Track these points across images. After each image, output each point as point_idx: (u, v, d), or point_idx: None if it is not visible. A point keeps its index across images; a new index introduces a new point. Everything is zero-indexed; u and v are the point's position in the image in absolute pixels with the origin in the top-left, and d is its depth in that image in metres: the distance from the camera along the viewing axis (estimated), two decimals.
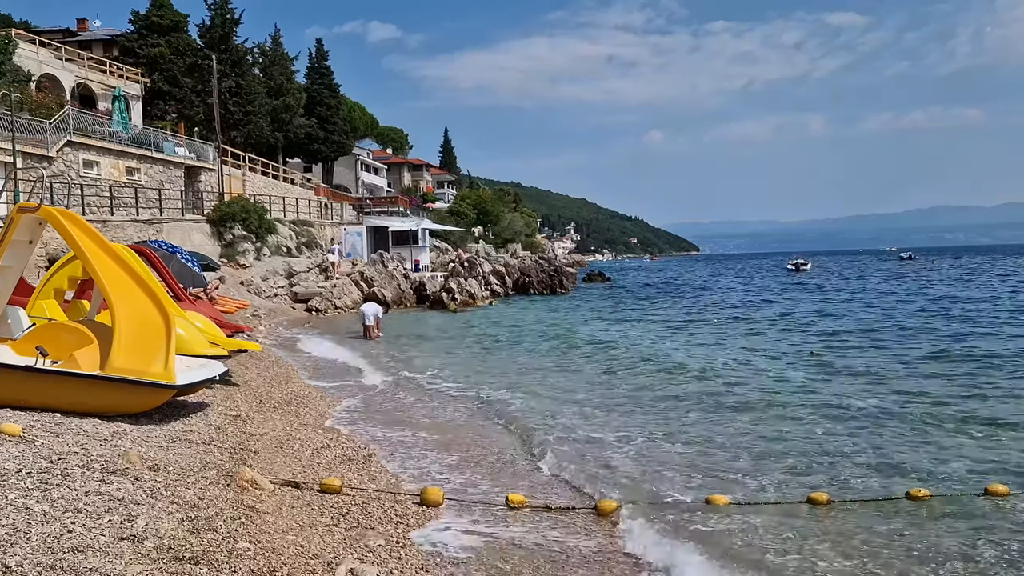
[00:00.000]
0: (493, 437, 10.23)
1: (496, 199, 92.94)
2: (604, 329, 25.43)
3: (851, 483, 7.93)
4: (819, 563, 5.93)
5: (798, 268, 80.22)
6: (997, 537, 6.35)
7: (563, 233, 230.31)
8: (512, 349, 20.35)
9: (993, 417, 10.80)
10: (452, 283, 35.99)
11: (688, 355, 18.35)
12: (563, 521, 6.90)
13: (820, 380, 14.35)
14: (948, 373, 14.83)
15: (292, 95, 56.27)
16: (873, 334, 21.96)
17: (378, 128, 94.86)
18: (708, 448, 9.46)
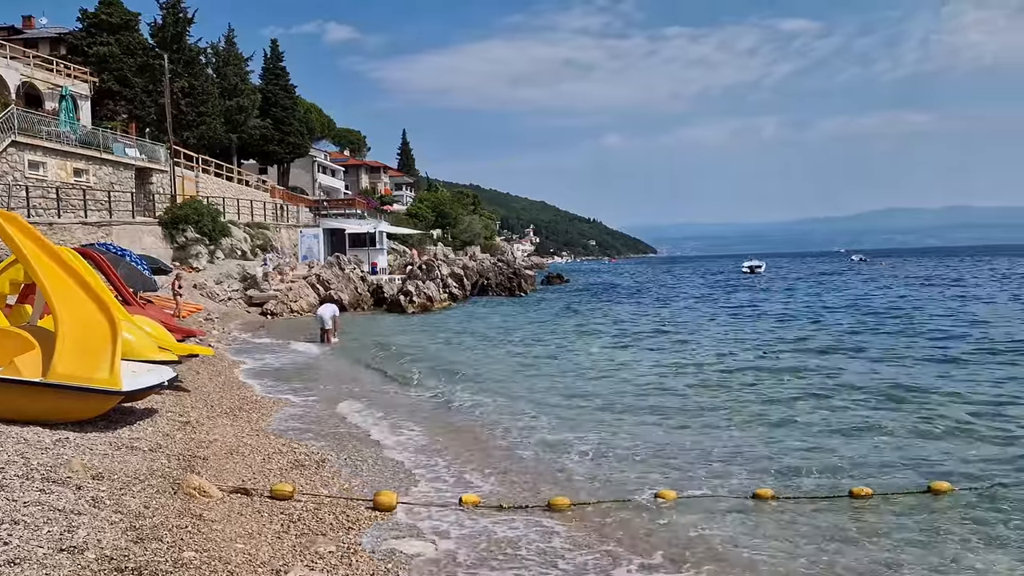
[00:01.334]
0: (450, 438, 10.17)
1: (455, 201, 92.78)
2: (563, 330, 25.52)
3: (799, 480, 8.05)
4: (762, 558, 6.00)
5: (752, 270, 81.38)
6: (939, 534, 6.49)
7: (522, 235, 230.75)
8: (470, 350, 20.32)
9: (939, 415, 11.06)
10: (410, 286, 35.78)
11: (643, 356, 18.50)
12: (518, 520, 6.89)
13: (771, 379, 14.57)
14: (894, 374, 15.15)
15: (246, 96, 55.54)
16: (825, 333, 22.36)
17: (335, 130, 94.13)
18: (663, 446, 9.55)
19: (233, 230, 38.24)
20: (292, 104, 63.76)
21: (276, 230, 45.17)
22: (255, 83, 60.85)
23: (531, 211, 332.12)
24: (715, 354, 18.55)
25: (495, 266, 50.84)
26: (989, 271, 65.52)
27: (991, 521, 6.70)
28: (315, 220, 53.62)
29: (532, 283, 52.89)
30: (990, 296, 36.12)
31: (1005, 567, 5.78)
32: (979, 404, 11.72)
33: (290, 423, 10.96)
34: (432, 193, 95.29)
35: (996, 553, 6.03)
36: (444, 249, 68.11)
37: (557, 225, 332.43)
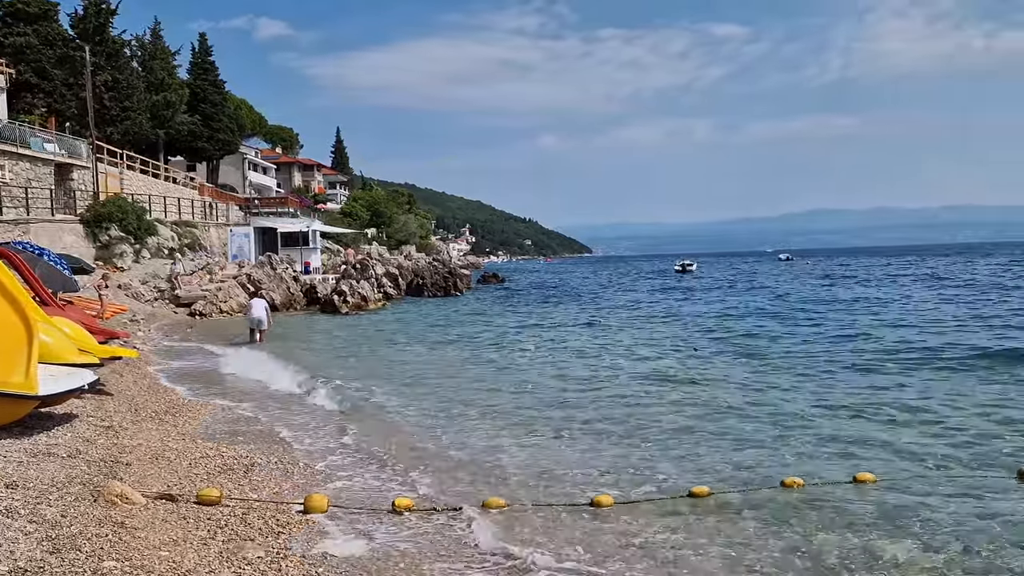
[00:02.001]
0: (383, 440, 10.07)
1: (390, 200, 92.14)
2: (499, 330, 25.56)
3: (731, 474, 8.22)
4: (693, 554, 6.11)
5: (684, 269, 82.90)
6: (863, 524, 6.69)
7: (458, 235, 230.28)
8: (404, 350, 20.18)
9: (869, 408, 11.44)
10: (344, 285, 35.34)
11: (579, 356, 18.66)
12: (452, 521, 6.86)
13: (699, 376, 14.87)
14: (821, 369, 15.60)
15: (174, 91, 54.06)
16: (749, 330, 22.90)
17: (266, 126, 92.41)
18: (600, 446, 9.62)
19: (160, 229, 37.19)
20: (222, 100, 62.33)
21: (205, 229, 44.10)
22: (183, 78, 59.26)
23: (467, 210, 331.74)
24: (648, 353, 18.82)
25: (430, 265, 50.60)
26: (906, 270, 68.11)
27: (907, 510, 6.93)
28: (246, 219, 52.53)
29: (468, 283, 52.87)
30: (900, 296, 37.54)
31: (916, 554, 5.99)
32: (904, 399, 12.14)
33: (218, 426, 10.70)
34: (367, 192, 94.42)
35: (905, 541, 6.23)
36: (379, 248, 67.54)
37: (493, 224, 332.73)
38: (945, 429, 10.05)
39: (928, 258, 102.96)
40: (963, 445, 9.20)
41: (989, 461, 8.50)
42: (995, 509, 6.93)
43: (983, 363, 15.25)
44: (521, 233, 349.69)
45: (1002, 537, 6.28)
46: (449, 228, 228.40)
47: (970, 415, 10.80)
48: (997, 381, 13.41)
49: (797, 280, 55.99)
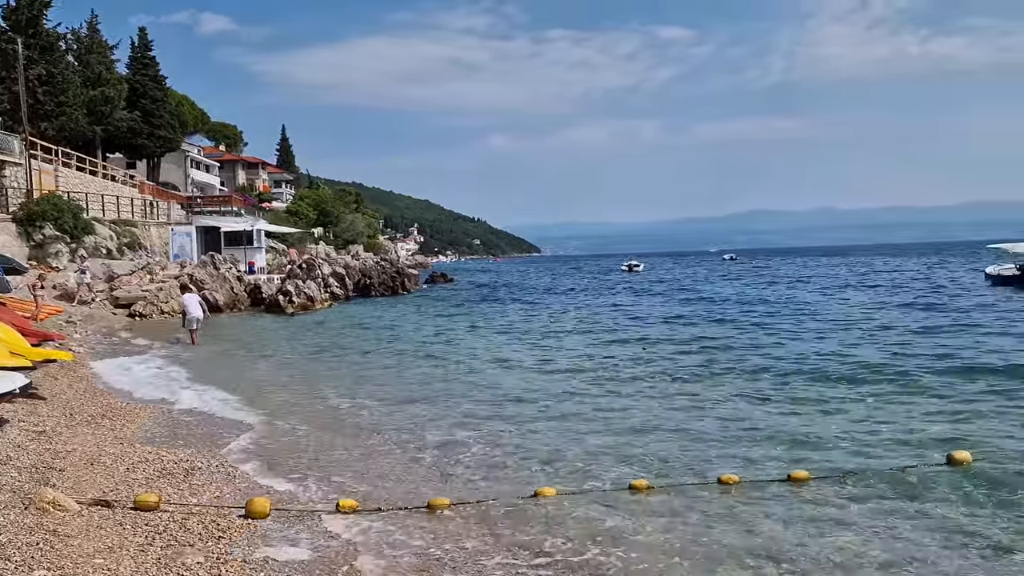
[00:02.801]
0: (328, 441, 9.96)
1: (337, 199, 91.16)
2: (445, 328, 25.51)
3: (670, 469, 8.34)
4: (638, 548, 6.18)
5: (631, 269, 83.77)
6: (794, 519, 6.85)
7: (406, 234, 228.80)
8: (350, 350, 20.00)
9: (801, 404, 11.71)
10: (289, 285, 34.85)
11: (527, 354, 18.72)
12: (397, 521, 6.82)
13: (642, 371, 15.05)
14: (761, 365, 15.91)
15: (112, 86, 52.58)
16: (699, 326, 23.26)
17: (209, 123, 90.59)
18: (544, 444, 9.66)
19: (98, 228, 36.18)
20: (162, 96, 60.91)
21: (145, 228, 43.06)
22: (122, 73, 57.75)
23: (415, 210, 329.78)
24: (595, 351, 18.97)
25: (378, 265, 50.21)
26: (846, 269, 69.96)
27: (841, 505, 7.12)
28: (188, 217, 51.44)
29: (416, 282, 52.61)
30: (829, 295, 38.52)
31: (855, 546, 6.15)
32: (842, 395, 12.44)
33: (157, 430, 10.47)
34: (313, 191, 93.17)
35: (847, 534, 6.41)
36: (326, 248, 66.81)
37: (442, 224, 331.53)
38: (874, 425, 10.31)
39: (873, 258, 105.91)
40: (891, 440, 9.46)
41: (917, 452, 8.76)
42: (924, 496, 7.16)
43: (896, 364, 15.67)
44: (470, 233, 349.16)
45: (929, 522, 6.49)
46: (397, 227, 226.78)
47: (894, 411, 11.09)
48: (909, 383, 13.77)
49: (740, 281, 57.07)
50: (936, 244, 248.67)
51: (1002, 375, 13.54)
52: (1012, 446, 8.87)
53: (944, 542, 6.18)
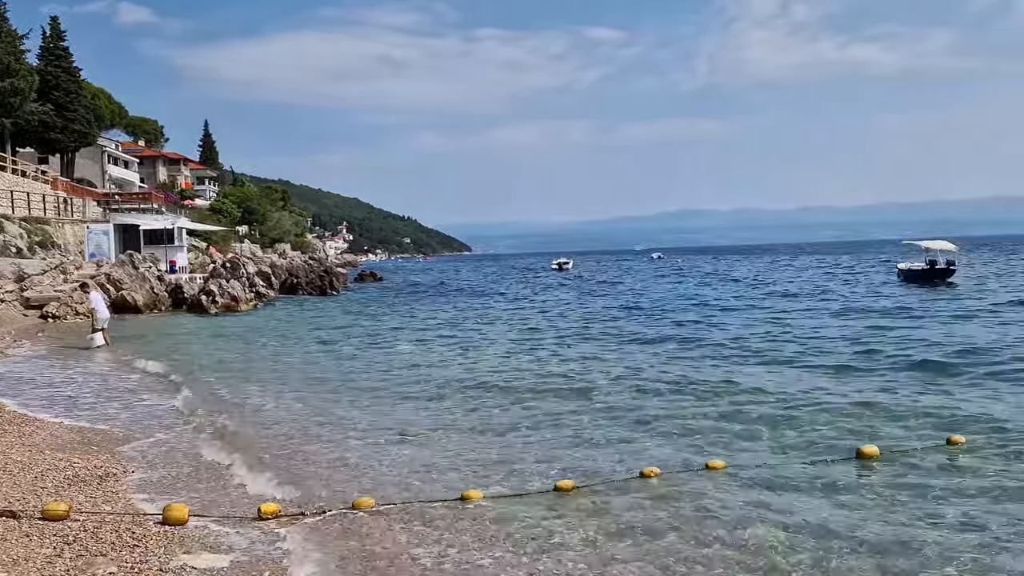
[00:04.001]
0: (250, 445, 9.73)
1: (263, 197, 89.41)
2: (372, 328, 25.28)
3: (592, 467, 8.41)
4: (564, 547, 6.22)
5: (561, 267, 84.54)
6: (715, 508, 6.99)
7: (335, 232, 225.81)
8: (272, 350, 19.63)
9: (714, 401, 11.98)
10: (212, 285, 33.98)
11: (454, 353, 18.68)
12: (321, 525, 6.70)
13: (566, 369, 15.19)
14: (680, 363, 16.23)
15: (22, 77, 50.25)
16: (623, 324, 23.60)
17: (128, 118, 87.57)
18: (472, 444, 9.63)
19: (7, 225, 34.57)
20: (77, 88, 58.60)
21: (59, 226, 41.34)
22: (32, 64, 55.31)
23: (344, 208, 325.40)
24: (521, 349, 19.05)
25: (306, 264, 49.46)
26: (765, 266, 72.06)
27: (758, 493, 7.29)
28: (105, 215, 49.66)
29: (344, 281, 51.97)
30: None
31: (754, 539, 6.29)
32: (750, 391, 12.76)
33: (68, 435, 10.04)
34: (238, 188, 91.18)
35: (754, 528, 6.54)
36: (251, 247, 65.37)
37: (371, 223, 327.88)
38: (787, 417, 10.61)
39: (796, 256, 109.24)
40: (804, 431, 9.76)
41: (829, 444, 9.06)
42: (835, 484, 7.41)
43: (805, 357, 16.25)
44: (400, 231, 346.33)
45: (841, 511, 6.71)
46: (326, 226, 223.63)
47: (806, 402, 11.44)
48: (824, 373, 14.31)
49: (664, 279, 58.18)
50: (853, 243, 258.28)
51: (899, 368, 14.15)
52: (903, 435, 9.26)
53: (865, 530, 6.38)
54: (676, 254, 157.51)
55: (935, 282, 37.79)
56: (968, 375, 13.41)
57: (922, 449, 8.69)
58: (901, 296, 32.61)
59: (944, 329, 20.09)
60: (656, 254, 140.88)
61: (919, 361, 14.90)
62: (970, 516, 6.59)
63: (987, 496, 7.14)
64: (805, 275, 55.64)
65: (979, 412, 10.42)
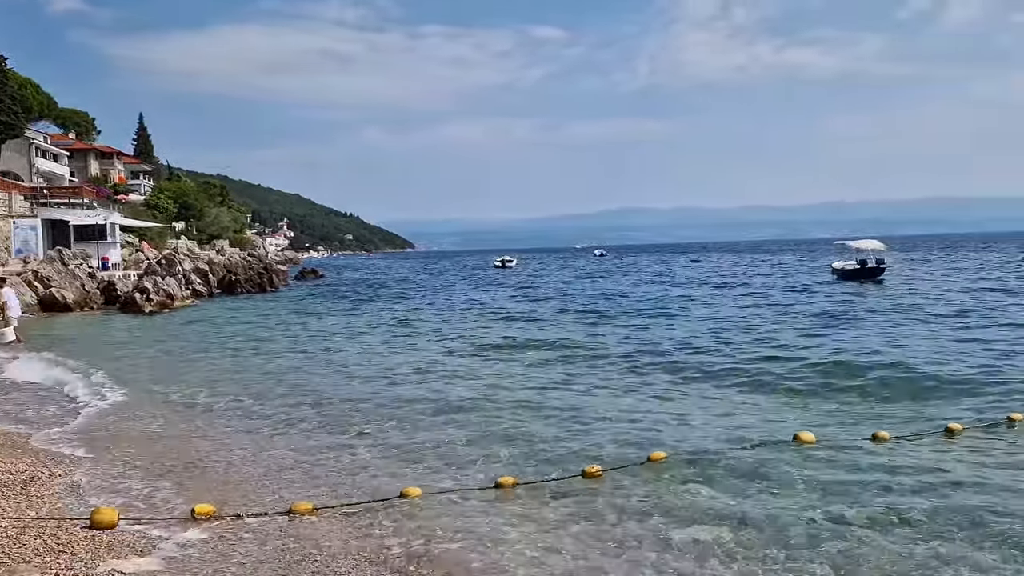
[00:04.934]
0: (183, 447, 9.51)
1: (200, 192, 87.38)
2: (310, 326, 24.98)
3: (534, 464, 8.44)
4: (497, 548, 6.22)
5: (504, 265, 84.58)
6: (661, 503, 7.07)
7: (276, 229, 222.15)
8: (206, 351, 19.23)
9: (655, 391, 12.15)
10: (147, 282, 33.12)
11: (392, 350, 18.57)
12: (257, 528, 6.58)
13: (504, 367, 15.23)
14: (624, 359, 16.40)
15: None
16: (564, 321, 23.75)
17: (57, 110, 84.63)
18: (409, 444, 9.54)
19: None
20: (2, 78, 56.42)
21: None
22: None
23: (285, 204, 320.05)
24: (460, 347, 19.02)
25: (245, 261, 48.52)
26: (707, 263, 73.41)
27: (699, 489, 7.40)
28: (33, 210, 47.91)
29: (285, 279, 51.15)
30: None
31: (709, 530, 6.41)
32: (692, 382, 13.00)
33: None
34: (174, 183, 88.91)
35: (705, 520, 6.65)
36: (188, 243, 63.88)
37: (313, 219, 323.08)
38: (728, 409, 10.85)
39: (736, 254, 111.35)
40: (748, 420, 9.99)
41: (770, 433, 9.26)
42: (774, 474, 7.58)
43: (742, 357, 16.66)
44: (342, 228, 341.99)
45: (779, 498, 6.87)
46: (266, 222, 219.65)
47: (742, 397, 11.75)
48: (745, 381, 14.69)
49: (604, 277, 58.75)
50: (792, 241, 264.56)
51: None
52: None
53: (800, 519, 6.53)
54: (619, 252, 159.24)
55: (866, 281, 38.99)
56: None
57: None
58: (840, 294, 33.51)
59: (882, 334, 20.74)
60: (599, 252, 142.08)
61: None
62: (895, 506, 6.80)
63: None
64: (728, 268, 56.67)
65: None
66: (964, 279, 40.38)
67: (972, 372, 13.27)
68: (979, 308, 24.27)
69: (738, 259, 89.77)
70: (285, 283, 50.28)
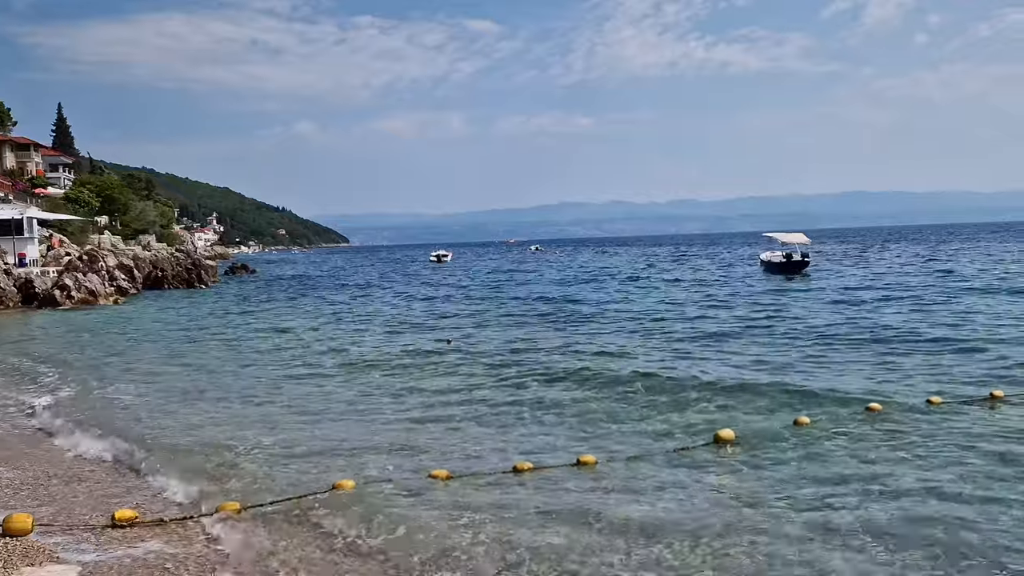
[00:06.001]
0: (104, 448, 9.20)
1: (124, 186, 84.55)
2: (236, 323, 24.50)
3: (465, 460, 8.44)
4: (440, 535, 6.20)
5: (440, 259, 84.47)
6: (587, 500, 7.14)
7: (205, 224, 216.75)
8: (128, 349, 18.70)
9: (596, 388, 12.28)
10: (68, 279, 31.96)
11: (322, 347, 18.34)
12: (182, 532, 6.41)
13: (436, 360, 15.22)
14: (562, 354, 16.52)
15: None
16: (503, 317, 23.81)
17: None
18: (341, 438, 9.42)
19: None
20: None
21: None
22: None
23: (214, 198, 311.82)
24: (391, 343, 18.88)
25: (172, 257, 47.27)
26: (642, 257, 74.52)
27: (632, 487, 7.48)
28: None
29: (214, 275, 50.00)
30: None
31: (637, 522, 6.49)
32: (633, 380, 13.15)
33: None
34: (97, 176, 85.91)
35: (631, 512, 6.75)
36: (112, 238, 61.78)
37: (244, 214, 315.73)
38: (648, 408, 10.99)
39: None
40: (668, 420, 10.12)
41: (692, 432, 9.42)
42: (698, 473, 7.73)
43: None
44: (274, 223, 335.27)
45: (705, 494, 7.01)
46: (195, 217, 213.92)
47: (664, 393, 11.87)
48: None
49: (538, 272, 59.09)
50: (718, 235, 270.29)
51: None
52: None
53: (726, 510, 6.68)
54: (555, 246, 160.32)
55: (792, 274, 40.11)
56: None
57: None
58: (769, 287, 34.37)
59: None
60: (534, 246, 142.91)
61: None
62: (817, 495, 7.01)
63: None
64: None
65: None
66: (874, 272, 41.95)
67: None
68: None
69: (672, 252, 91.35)
70: (215, 279, 49.15)
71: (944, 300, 24.18)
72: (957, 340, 15.72)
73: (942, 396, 10.40)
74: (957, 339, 15.85)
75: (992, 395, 10.32)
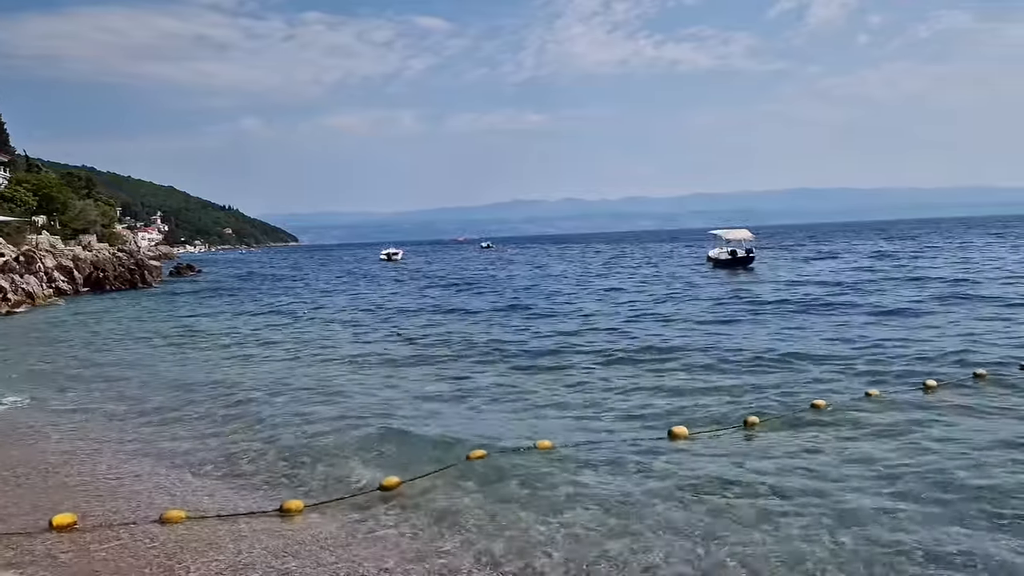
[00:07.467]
0: (35, 456, 8.92)
1: (63, 184, 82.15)
2: (182, 324, 24.03)
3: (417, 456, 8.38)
4: (387, 549, 6.17)
5: (390, 258, 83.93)
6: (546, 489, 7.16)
7: (148, 223, 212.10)
8: (69, 354, 18.17)
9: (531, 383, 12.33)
10: (3, 281, 30.94)
11: (271, 350, 18.10)
12: (124, 537, 6.25)
13: (390, 357, 15.15)
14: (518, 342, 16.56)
15: None
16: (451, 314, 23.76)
17: None
18: (286, 446, 9.25)
19: None
20: None
21: None
22: None
23: (158, 197, 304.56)
24: (348, 342, 18.72)
25: (114, 257, 46.10)
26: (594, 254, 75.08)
27: (583, 473, 7.54)
28: None
29: (159, 275, 49.00)
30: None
31: (593, 513, 6.54)
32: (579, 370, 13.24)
33: None
34: (34, 174, 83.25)
35: (585, 501, 6.80)
36: (50, 238, 59.99)
37: (189, 213, 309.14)
38: (604, 399, 11.10)
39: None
40: (622, 414, 10.23)
41: (647, 425, 9.53)
42: (650, 462, 7.81)
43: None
44: (220, 222, 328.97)
45: (655, 485, 7.09)
46: (138, 216, 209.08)
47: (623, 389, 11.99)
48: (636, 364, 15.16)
49: (487, 270, 59.10)
50: (669, 232, 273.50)
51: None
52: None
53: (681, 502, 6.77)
54: (507, 244, 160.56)
55: (737, 269, 40.85)
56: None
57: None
58: (716, 281, 34.90)
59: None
60: (485, 243, 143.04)
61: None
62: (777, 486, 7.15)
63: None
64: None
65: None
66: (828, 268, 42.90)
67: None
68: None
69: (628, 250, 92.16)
70: (159, 280, 48.13)
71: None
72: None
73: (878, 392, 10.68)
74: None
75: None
